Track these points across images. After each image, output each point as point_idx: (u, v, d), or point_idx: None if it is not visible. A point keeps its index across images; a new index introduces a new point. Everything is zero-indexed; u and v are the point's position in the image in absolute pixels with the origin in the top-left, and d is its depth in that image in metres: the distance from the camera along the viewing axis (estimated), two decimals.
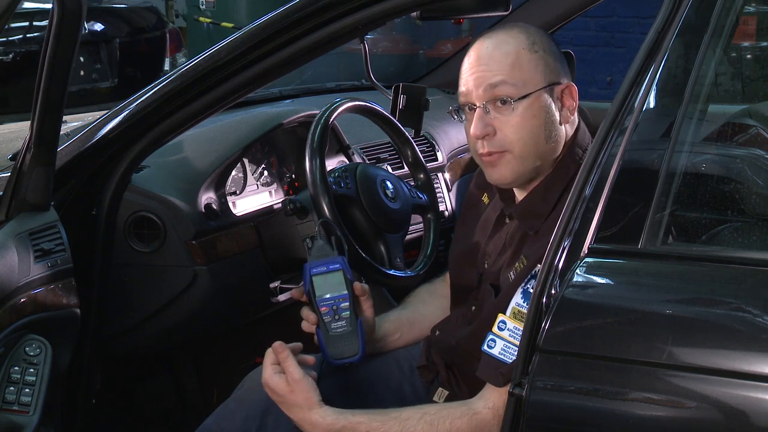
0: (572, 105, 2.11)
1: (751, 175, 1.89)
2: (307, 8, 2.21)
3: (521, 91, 2.06)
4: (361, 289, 2.24)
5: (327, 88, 3.61)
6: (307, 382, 2.08)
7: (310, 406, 2.06)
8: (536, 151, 2.09)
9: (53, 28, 2.03)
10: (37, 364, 2.09)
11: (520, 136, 2.07)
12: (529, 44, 2.08)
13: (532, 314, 1.71)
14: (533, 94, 2.06)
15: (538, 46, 2.08)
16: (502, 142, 2.08)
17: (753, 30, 2.04)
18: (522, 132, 2.07)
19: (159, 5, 7.47)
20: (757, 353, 1.57)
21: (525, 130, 2.07)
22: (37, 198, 2.19)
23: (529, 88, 2.06)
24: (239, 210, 2.75)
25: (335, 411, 2.06)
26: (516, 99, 2.06)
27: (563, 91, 2.10)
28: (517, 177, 2.11)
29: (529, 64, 2.07)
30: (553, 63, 2.09)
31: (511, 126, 2.07)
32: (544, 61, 2.08)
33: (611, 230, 1.73)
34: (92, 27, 5.69)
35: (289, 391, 2.08)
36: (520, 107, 2.06)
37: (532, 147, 2.08)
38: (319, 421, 2.05)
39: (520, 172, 2.10)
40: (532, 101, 2.06)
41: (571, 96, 2.11)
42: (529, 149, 2.08)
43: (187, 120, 2.34)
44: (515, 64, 2.06)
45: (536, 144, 2.08)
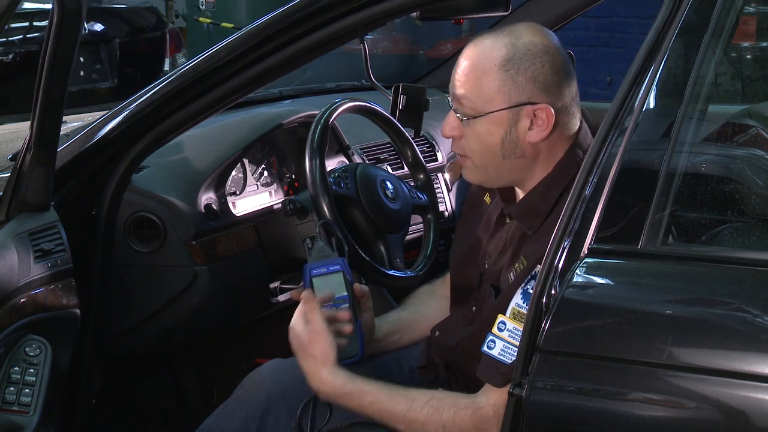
0: (543, 126, 2.05)
1: (751, 176, 1.89)
2: (307, 8, 2.21)
3: (480, 108, 2.06)
4: (360, 291, 2.24)
5: (327, 88, 3.61)
6: (328, 338, 2.09)
7: (324, 362, 2.07)
8: (493, 165, 2.10)
9: (53, 28, 2.03)
10: (37, 365, 2.09)
11: (474, 149, 2.10)
12: (504, 62, 2.04)
13: (532, 314, 1.71)
14: (491, 114, 2.06)
15: (513, 65, 2.03)
16: (463, 148, 2.12)
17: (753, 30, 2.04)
18: (476, 146, 2.09)
19: (159, 5, 7.47)
20: (757, 353, 1.57)
21: (480, 144, 2.09)
22: (37, 198, 2.19)
23: (488, 107, 2.06)
24: (239, 210, 2.75)
25: (346, 374, 2.07)
26: (473, 116, 2.07)
27: (535, 112, 2.05)
28: (483, 182, 2.15)
29: (493, 84, 2.04)
30: (524, 83, 2.04)
31: (469, 136, 2.10)
32: (513, 81, 2.04)
33: (611, 230, 1.73)
34: (92, 27, 5.69)
35: (308, 341, 2.09)
36: (476, 124, 2.07)
37: (488, 161, 2.10)
38: (328, 379, 2.06)
39: (483, 179, 2.14)
40: (489, 120, 2.06)
41: (545, 118, 2.04)
42: (485, 162, 2.10)
43: (187, 120, 2.34)
44: (478, 82, 2.06)
45: (492, 159, 2.09)
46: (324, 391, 2.08)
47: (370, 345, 2.30)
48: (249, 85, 2.30)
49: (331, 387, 2.07)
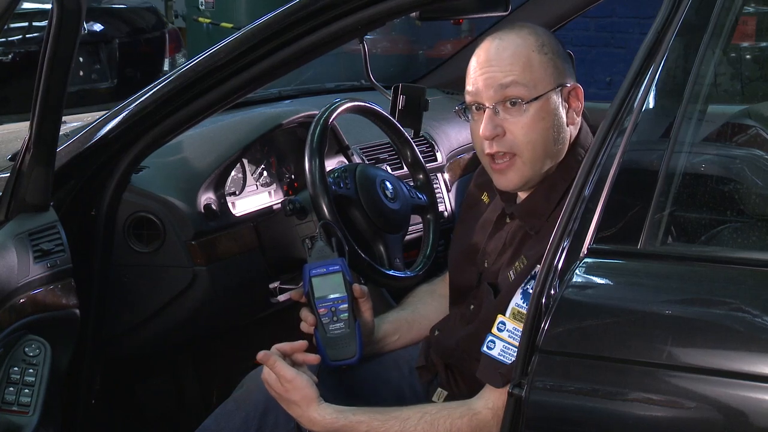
0: (578, 106, 2.11)
1: (751, 176, 1.89)
2: (307, 9, 2.21)
3: (532, 92, 2.06)
4: (360, 291, 2.24)
5: (326, 88, 3.61)
6: (302, 380, 2.08)
7: (308, 404, 2.07)
8: (545, 153, 2.09)
9: (52, 28, 2.03)
10: (36, 365, 2.09)
11: (529, 139, 2.07)
12: (539, 46, 2.07)
13: (531, 315, 1.71)
14: (543, 96, 2.06)
15: (548, 48, 2.08)
16: (512, 144, 2.08)
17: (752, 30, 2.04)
18: (532, 134, 2.07)
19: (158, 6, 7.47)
20: (756, 353, 1.57)
21: (535, 132, 2.07)
22: (37, 198, 2.19)
23: (539, 89, 2.06)
24: (239, 210, 2.75)
25: (335, 409, 2.06)
26: (527, 101, 2.06)
27: (570, 92, 2.10)
28: (526, 182, 2.11)
29: (539, 66, 2.07)
30: (561, 65, 2.09)
31: (521, 127, 2.07)
32: (553, 62, 2.08)
33: (611, 230, 1.73)
34: (92, 27, 5.69)
35: (285, 390, 2.09)
36: (531, 109, 2.06)
37: (540, 149, 2.08)
38: (318, 419, 2.06)
39: (528, 177, 2.10)
40: (542, 103, 2.06)
41: (577, 97, 2.11)
42: (538, 152, 2.08)
43: (186, 120, 2.34)
44: (526, 66, 2.06)
45: (545, 146, 2.08)
46: (318, 430, 2.08)
47: (369, 345, 2.30)
48: (248, 85, 2.30)
49: (323, 425, 2.06)
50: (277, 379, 2.10)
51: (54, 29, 2.03)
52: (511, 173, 2.10)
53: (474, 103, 2.11)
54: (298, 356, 2.16)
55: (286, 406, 2.11)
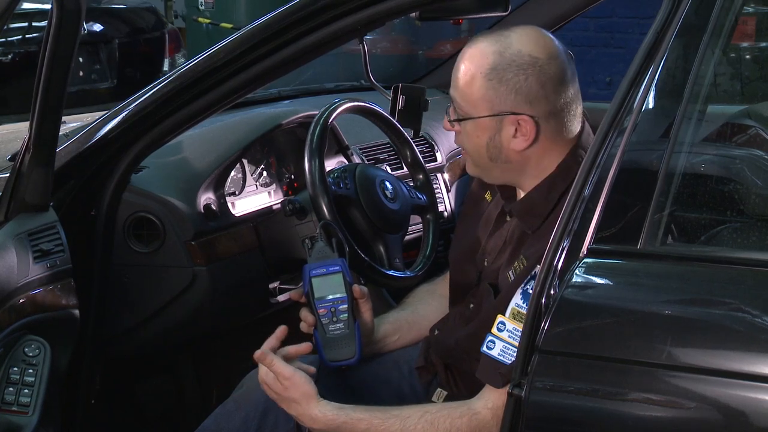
0: (525, 137, 2.05)
1: (750, 176, 1.89)
2: (307, 9, 2.21)
3: (466, 112, 2.09)
4: (359, 292, 2.24)
5: (326, 88, 3.61)
6: (300, 377, 2.08)
7: (308, 401, 2.07)
8: (483, 164, 2.13)
9: (52, 28, 2.03)
10: (36, 365, 2.09)
11: (466, 147, 2.14)
12: (489, 70, 2.04)
13: (531, 314, 1.71)
14: (474, 120, 2.08)
15: (497, 74, 2.03)
16: (460, 142, 2.16)
17: (752, 30, 2.04)
18: (467, 144, 2.13)
19: (158, 6, 7.47)
20: (756, 353, 1.57)
21: (470, 144, 2.12)
22: (37, 198, 2.19)
23: (472, 112, 2.08)
24: (238, 210, 2.75)
25: (335, 406, 2.06)
26: (460, 118, 2.10)
27: (519, 121, 2.05)
28: (479, 176, 2.19)
29: (478, 91, 2.06)
30: (506, 94, 2.04)
31: (462, 135, 2.13)
32: (495, 90, 2.04)
33: (610, 230, 1.73)
34: (91, 28, 5.69)
35: (283, 389, 2.09)
36: (465, 125, 2.10)
37: (478, 159, 2.13)
38: (318, 417, 2.06)
39: (478, 174, 2.18)
40: (474, 124, 2.08)
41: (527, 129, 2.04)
42: (476, 159, 2.13)
43: (186, 121, 2.34)
44: (467, 86, 2.08)
45: (480, 158, 2.12)
46: (318, 428, 2.08)
47: (369, 346, 2.30)
48: (248, 85, 2.30)
49: (323, 422, 2.06)
50: (275, 379, 2.09)
51: (54, 29, 2.03)
52: (467, 162, 2.18)
53: None
54: (290, 349, 2.15)
55: (285, 405, 2.11)
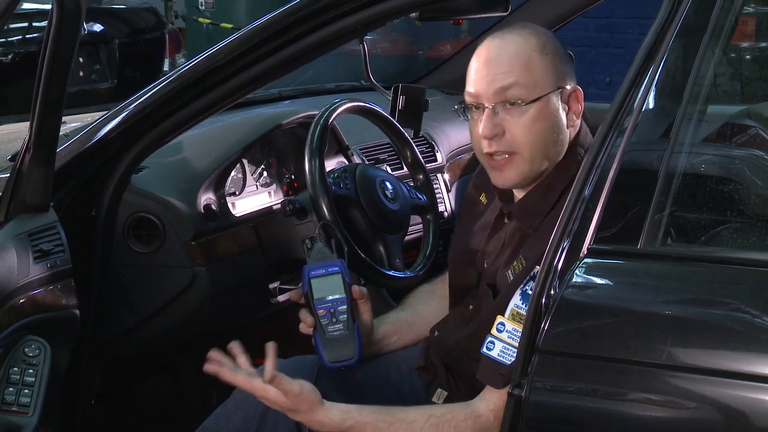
0: (578, 109, 2.11)
1: (751, 176, 1.89)
2: (307, 9, 2.21)
3: (532, 93, 2.06)
4: (359, 293, 2.23)
5: (326, 88, 3.61)
6: (307, 389, 2.05)
7: (314, 408, 2.05)
8: (543, 153, 2.09)
9: (52, 29, 2.03)
10: (36, 365, 2.09)
11: (528, 139, 2.07)
12: (540, 46, 2.07)
13: (531, 315, 1.71)
14: (543, 98, 2.06)
15: (549, 49, 2.08)
16: (511, 143, 2.08)
17: (752, 31, 2.04)
18: (531, 134, 2.07)
19: (158, 6, 7.47)
20: (756, 354, 1.57)
21: (534, 132, 2.07)
22: (37, 199, 2.19)
23: (539, 91, 2.06)
24: (238, 210, 2.75)
25: (340, 409, 2.05)
26: (527, 102, 2.06)
27: (570, 95, 2.10)
28: (523, 180, 2.11)
29: (540, 67, 2.07)
30: (561, 66, 2.09)
31: (521, 128, 2.07)
32: (553, 64, 2.08)
33: (610, 231, 1.73)
34: (91, 28, 5.69)
35: (293, 404, 2.07)
36: (531, 110, 2.06)
37: (540, 149, 2.08)
38: (326, 421, 2.05)
39: (525, 175, 2.10)
40: (542, 104, 2.06)
41: (577, 100, 2.11)
42: (537, 151, 2.08)
43: (186, 121, 2.34)
44: (527, 67, 2.06)
45: (544, 147, 2.08)
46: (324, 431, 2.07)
47: (369, 346, 2.30)
48: (248, 85, 2.30)
49: (330, 427, 2.05)
50: (278, 395, 2.05)
51: (54, 30, 2.03)
52: (508, 170, 2.10)
53: (474, 103, 2.11)
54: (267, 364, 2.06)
55: (293, 416, 2.09)
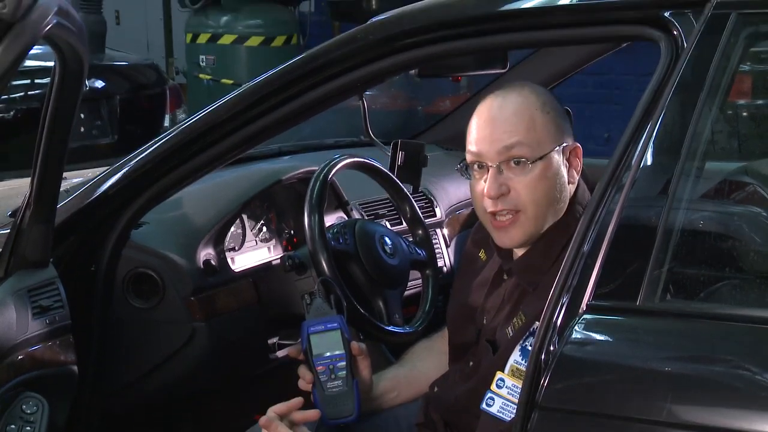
0: (578, 165, 2.13)
1: (749, 233, 1.89)
2: (307, 66, 2.23)
3: (536, 152, 2.07)
4: (358, 349, 2.23)
5: (326, 144, 3.63)
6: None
7: None
8: (547, 211, 2.10)
9: (55, 86, 2.04)
10: (33, 422, 2.08)
11: (534, 197, 2.08)
12: (541, 104, 2.09)
13: (530, 371, 1.70)
14: (546, 156, 2.08)
15: (549, 107, 2.10)
16: (516, 202, 2.08)
17: (749, 88, 2.06)
18: (536, 193, 2.08)
19: (159, 62, 7.52)
20: (756, 411, 1.57)
21: (539, 190, 2.08)
22: (37, 255, 2.19)
23: (543, 149, 2.07)
24: (238, 266, 2.75)
25: None
26: (532, 160, 2.07)
27: (571, 151, 2.12)
28: (528, 238, 2.11)
29: (542, 125, 2.08)
30: (561, 123, 2.11)
31: (525, 186, 2.07)
32: (554, 121, 2.09)
33: (610, 287, 1.73)
34: (93, 84, 5.71)
35: None
36: (536, 168, 2.07)
37: (544, 207, 2.09)
38: None
39: (531, 234, 2.10)
40: (545, 162, 2.07)
41: (577, 156, 2.13)
42: (542, 210, 2.09)
43: (186, 176, 2.35)
44: (530, 125, 2.07)
45: (548, 204, 2.09)
46: None
47: (368, 402, 2.29)
48: (248, 141, 2.31)
49: None
50: None
51: (56, 88, 2.04)
52: (513, 230, 2.10)
53: (476, 161, 2.11)
54: (296, 415, 2.15)
55: None
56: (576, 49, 3.12)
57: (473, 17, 2.14)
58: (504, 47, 2.50)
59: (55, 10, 1.82)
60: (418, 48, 2.18)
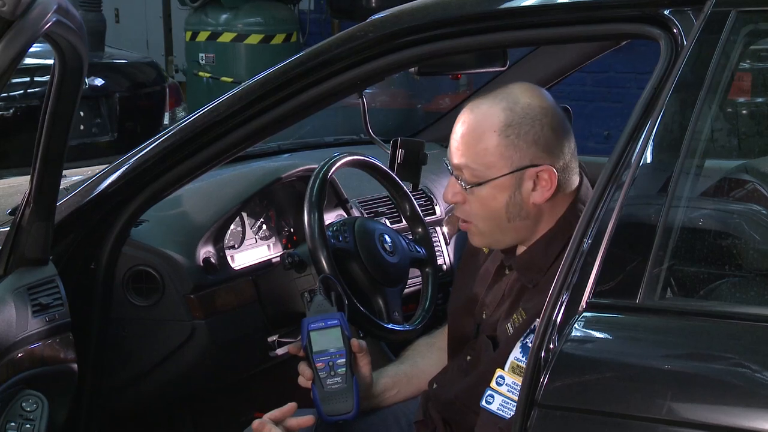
0: (547, 186, 2.06)
1: (749, 231, 1.89)
2: (306, 64, 2.23)
3: (482, 175, 2.06)
4: (358, 346, 2.23)
5: (325, 142, 3.63)
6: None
7: None
8: (499, 229, 2.10)
9: (54, 84, 2.04)
10: (33, 420, 2.08)
11: (480, 214, 2.10)
12: (504, 127, 2.04)
13: (530, 369, 1.70)
14: (494, 181, 2.06)
15: (513, 130, 2.04)
16: (468, 213, 2.12)
17: (748, 86, 2.06)
18: (481, 211, 2.09)
19: (159, 60, 7.52)
20: (755, 409, 1.57)
21: (484, 210, 2.09)
22: (36, 253, 2.20)
23: (491, 173, 2.06)
24: (237, 264, 2.76)
25: None
26: (474, 185, 2.07)
27: (538, 173, 2.05)
28: (489, 245, 2.16)
29: (495, 149, 2.05)
30: (526, 148, 2.04)
31: (474, 203, 2.10)
32: (514, 146, 2.04)
33: (609, 285, 1.73)
34: (92, 82, 5.71)
35: None
36: (480, 191, 2.07)
37: (493, 226, 2.10)
38: None
39: (488, 243, 2.15)
40: (492, 186, 2.06)
41: (547, 179, 2.05)
42: (490, 227, 2.10)
43: (186, 174, 2.35)
44: (479, 149, 2.06)
45: (497, 223, 2.09)
46: None
47: (368, 400, 2.29)
48: (248, 139, 2.32)
49: None
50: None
51: (56, 86, 2.04)
52: (472, 235, 2.15)
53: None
54: (290, 422, 2.15)
55: None
56: (575, 47, 3.11)
57: (472, 15, 2.14)
58: (503, 45, 2.50)
59: (55, 8, 1.81)
60: (417, 46, 2.18)
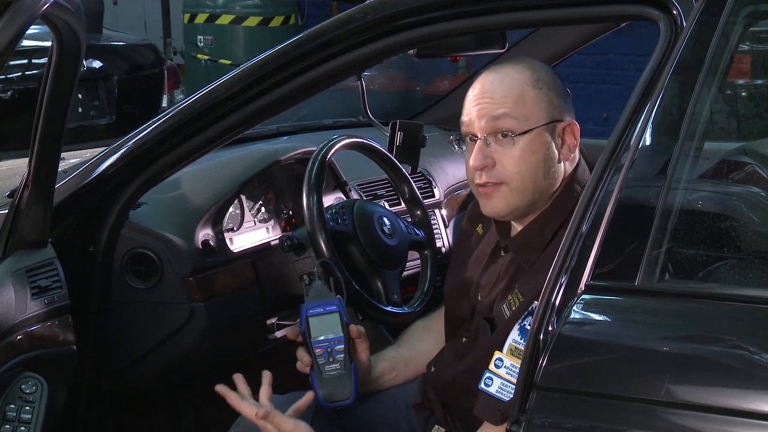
0: (573, 143, 2.12)
1: (747, 213, 1.89)
2: (305, 46, 2.23)
3: (523, 126, 2.08)
4: (356, 332, 2.23)
5: (324, 124, 3.62)
6: (302, 428, 2.08)
7: None
8: (533, 186, 2.10)
9: (52, 66, 2.04)
10: (32, 402, 2.09)
11: (518, 170, 2.09)
12: (534, 80, 2.10)
13: (529, 351, 1.70)
14: (534, 130, 2.08)
15: (543, 83, 2.10)
16: (500, 174, 2.10)
17: (747, 68, 2.05)
18: (521, 166, 2.08)
19: (157, 43, 7.50)
20: (754, 391, 1.57)
21: (524, 164, 2.08)
22: (35, 235, 2.20)
23: (530, 123, 2.08)
24: (236, 246, 2.76)
25: None
26: (517, 134, 2.08)
27: (565, 128, 2.12)
28: (512, 210, 2.12)
29: (532, 101, 2.09)
30: (556, 100, 2.11)
31: (511, 159, 2.09)
32: (548, 98, 2.10)
33: (608, 267, 1.73)
34: (90, 64, 5.70)
35: None
36: (521, 142, 2.08)
37: (529, 182, 2.09)
38: None
39: (514, 205, 2.12)
40: (532, 137, 2.08)
41: (572, 134, 2.12)
42: (526, 183, 2.09)
43: (184, 157, 2.35)
44: (519, 99, 2.08)
45: (534, 179, 2.09)
46: None
47: (366, 384, 2.29)
48: (247, 122, 2.31)
49: None
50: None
51: (53, 68, 2.04)
52: (496, 199, 2.11)
53: (468, 133, 2.13)
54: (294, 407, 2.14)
55: None
56: (574, 28, 3.11)
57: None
58: (502, 27, 2.49)
59: None
60: (416, 28, 2.17)
